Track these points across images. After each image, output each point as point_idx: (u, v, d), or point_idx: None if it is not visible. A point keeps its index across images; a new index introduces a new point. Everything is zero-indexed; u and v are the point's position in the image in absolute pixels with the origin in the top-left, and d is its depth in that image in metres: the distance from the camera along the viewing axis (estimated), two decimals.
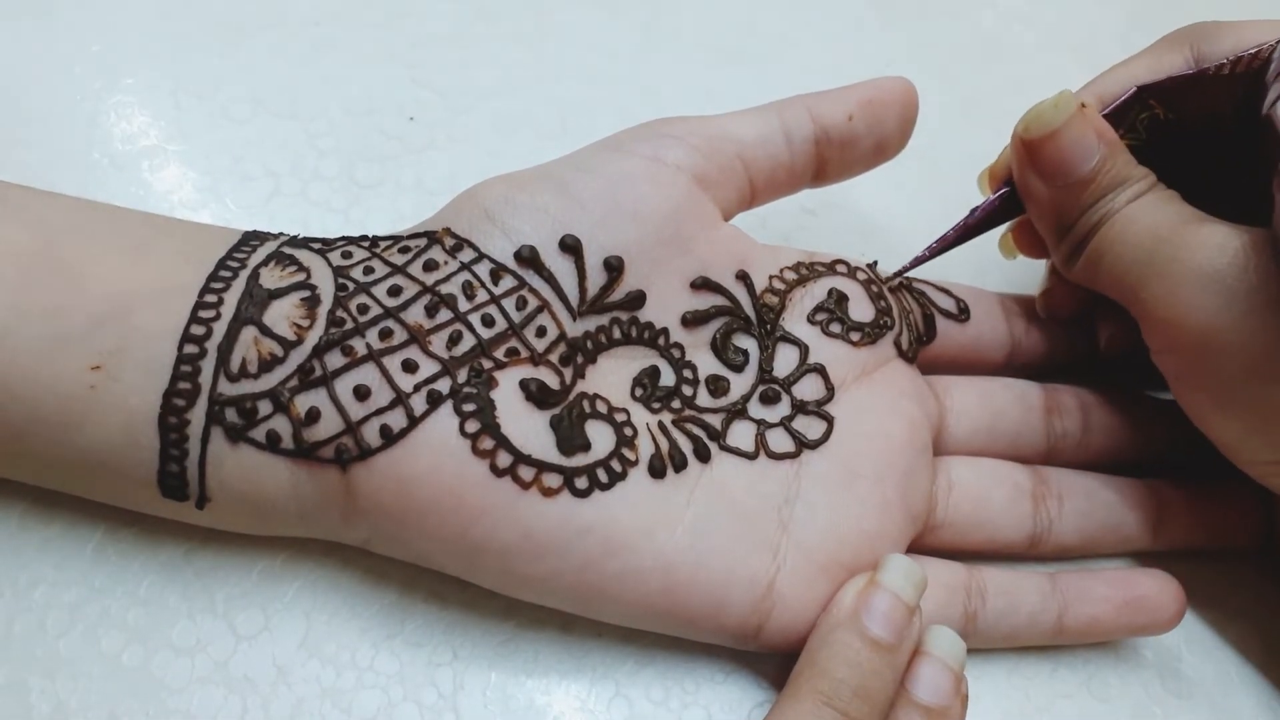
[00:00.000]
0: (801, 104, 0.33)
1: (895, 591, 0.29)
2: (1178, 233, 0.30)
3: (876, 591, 0.28)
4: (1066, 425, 0.35)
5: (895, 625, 0.28)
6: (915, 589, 0.29)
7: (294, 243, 0.30)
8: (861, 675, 0.27)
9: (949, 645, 0.29)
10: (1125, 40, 0.49)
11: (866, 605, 0.28)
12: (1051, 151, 0.32)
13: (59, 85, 0.40)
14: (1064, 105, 0.32)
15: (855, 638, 0.28)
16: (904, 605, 0.28)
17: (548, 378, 0.29)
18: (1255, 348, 0.28)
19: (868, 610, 0.28)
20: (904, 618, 0.28)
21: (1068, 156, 0.32)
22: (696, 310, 0.31)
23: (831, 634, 0.28)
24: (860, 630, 0.28)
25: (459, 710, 0.30)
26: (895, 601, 0.28)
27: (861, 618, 0.28)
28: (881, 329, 0.33)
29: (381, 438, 0.27)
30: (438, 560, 0.29)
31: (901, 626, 0.28)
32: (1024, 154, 0.33)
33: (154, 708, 0.29)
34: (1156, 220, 0.31)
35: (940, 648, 0.29)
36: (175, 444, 0.27)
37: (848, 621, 0.28)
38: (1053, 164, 0.32)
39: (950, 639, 0.29)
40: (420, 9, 0.45)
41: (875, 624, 0.28)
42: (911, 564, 0.29)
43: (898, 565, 0.29)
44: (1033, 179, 0.33)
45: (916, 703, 0.28)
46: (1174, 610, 0.32)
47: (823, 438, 0.31)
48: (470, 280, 0.29)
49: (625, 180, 0.30)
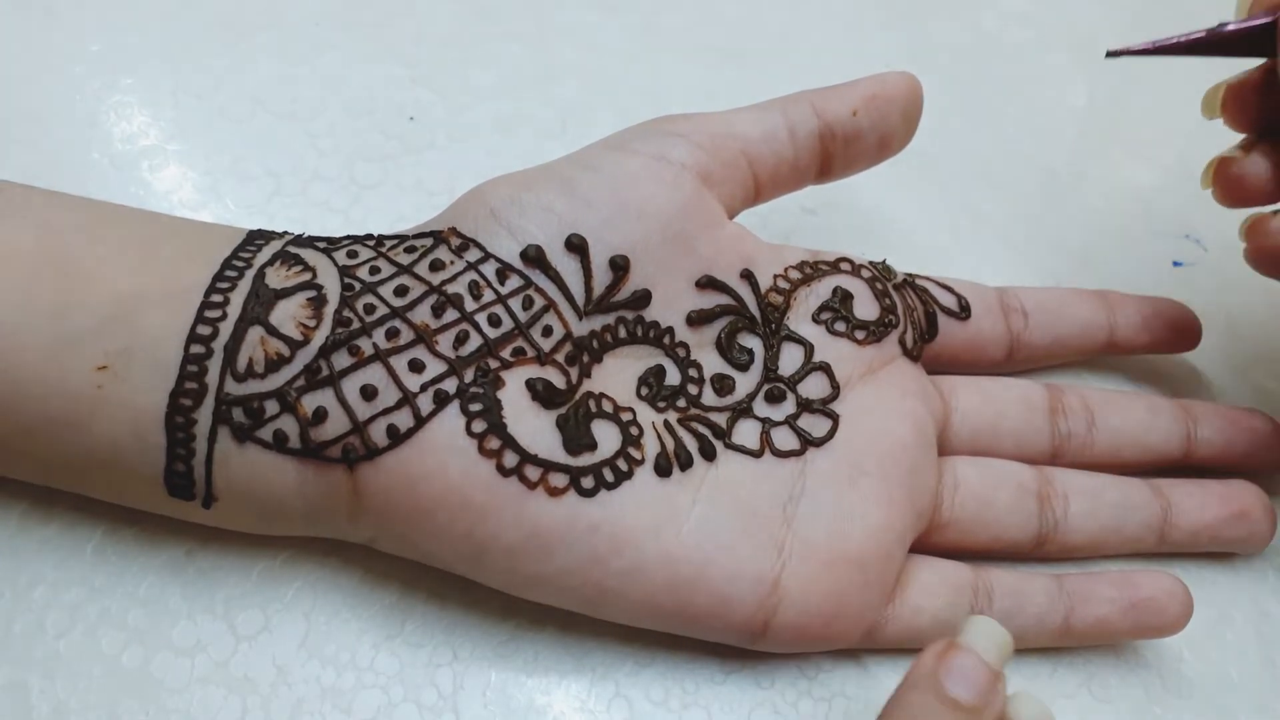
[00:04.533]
0: (806, 100, 0.33)
1: (977, 652, 0.27)
2: None
3: (957, 652, 0.26)
4: (1071, 426, 0.35)
5: (977, 687, 0.26)
6: (999, 651, 0.27)
7: (299, 242, 0.30)
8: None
9: (1039, 714, 0.27)
10: (1125, 40, 0.49)
11: (946, 666, 0.26)
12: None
13: (59, 85, 0.40)
14: None
15: (933, 698, 0.26)
16: (986, 667, 0.26)
17: (554, 377, 0.29)
18: None
19: (947, 671, 0.26)
20: (986, 680, 0.26)
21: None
22: (701, 309, 0.31)
23: (908, 695, 0.26)
24: (938, 691, 0.26)
25: (459, 710, 0.30)
26: (977, 662, 0.26)
27: (941, 678, 0.26)
28: (886, 327, 0.33)
29: (388, 437, 0.27)
30: (443, 559, 0.29)
31: (984, 688, 0.26)
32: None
33: (154, 708, 0.28)
34: None
35: (1029, 716, 0.27)
36: (182, 443, 0.27)
37: (925, 683, 0.26)
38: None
39: (1040, 709, 0.27)
40: (420, 9, 0.45)
41: (955, 684, 0.26)
42: (997, 626, 0.27)
43: (980, 626, 0.27)
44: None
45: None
46: (1181, 612, 0.32)
47: (828, 436, 0.31)
48: (476, 280, 0.29)
49: (630, 179, 0.30)
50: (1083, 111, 0.48)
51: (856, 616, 0.30)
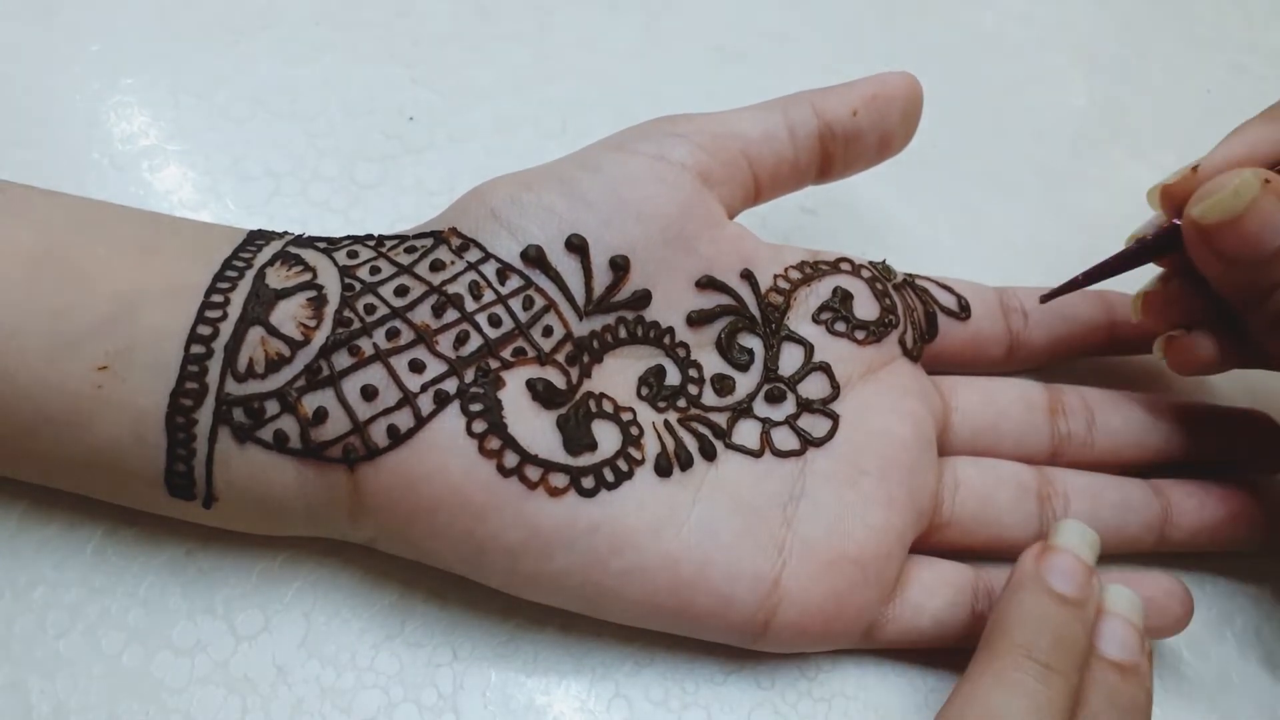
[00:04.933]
0: (806, 100, 0.33)
1: (1073, 550, 0.29)
2: None
3: (1055, 553, 0.29)
4: (1071, 426, 0.35)
5: (1078, 581, 0.29)
6: (1091, 548, 0.29)
7: (299, 242, 0.30)
8: (1054, 628, 0.27)
9: (1130, 604, 0.29)
10: (1125, 40, 0.49)
11: (1048, 565, 0.29)
12: (1233, 238, 0.29)
13: (59, 85, 0.40)
14: (1245, 190, 0.29)
15: (1042, 595, 0.28)
16: (1082, 563, 0.29)
17: (554, 377, 0.29)
18: None
19: (1050, 569, 0.29)
20: (1085, 574, 0.29)
21: (1252, 240, 0.29)
22: (702, 309, 0.32)
23: (1017, 595, 0.28)
24: (1046, 588, 0.28)
25: (459, 710, 0.30)
26: (1074, 560, 0.29)
27: (1046, 577, 0.28)
28: (886, 327, 0.33)
29: (389, 437, 0.27)
30: (444, 559, 0.29)
31: (1084, 582, 0.29)
32: (1198, 237, 0.30)
33: (154, 708, 0.29)
34: None
35: (1122, 606, 0.29)
36: (182, 444, 0.27)
37: (1031, 583, 0.28)
38: (1235, 249, 0.29)
39: (1131, 598, 0.29)
40: (420, 9, 0.45)
41: (1059, 581, 0.28)
42: (1084, 526, 0.30)
43: (1071, 527, 0.30)
44: (1211, 259, 0.30)
45: (1109, 660, 0.28)
46: (1182, 613, 0.32)
47: (828, 435, 0.31)
48: (477, 280, 0.29)
49: (631, 179, 0.31)
50: (1083, 111, 0.48)
51: (857, 616, 0.30)
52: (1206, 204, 0.29)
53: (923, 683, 0.32)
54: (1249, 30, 0.52)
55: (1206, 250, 0.30)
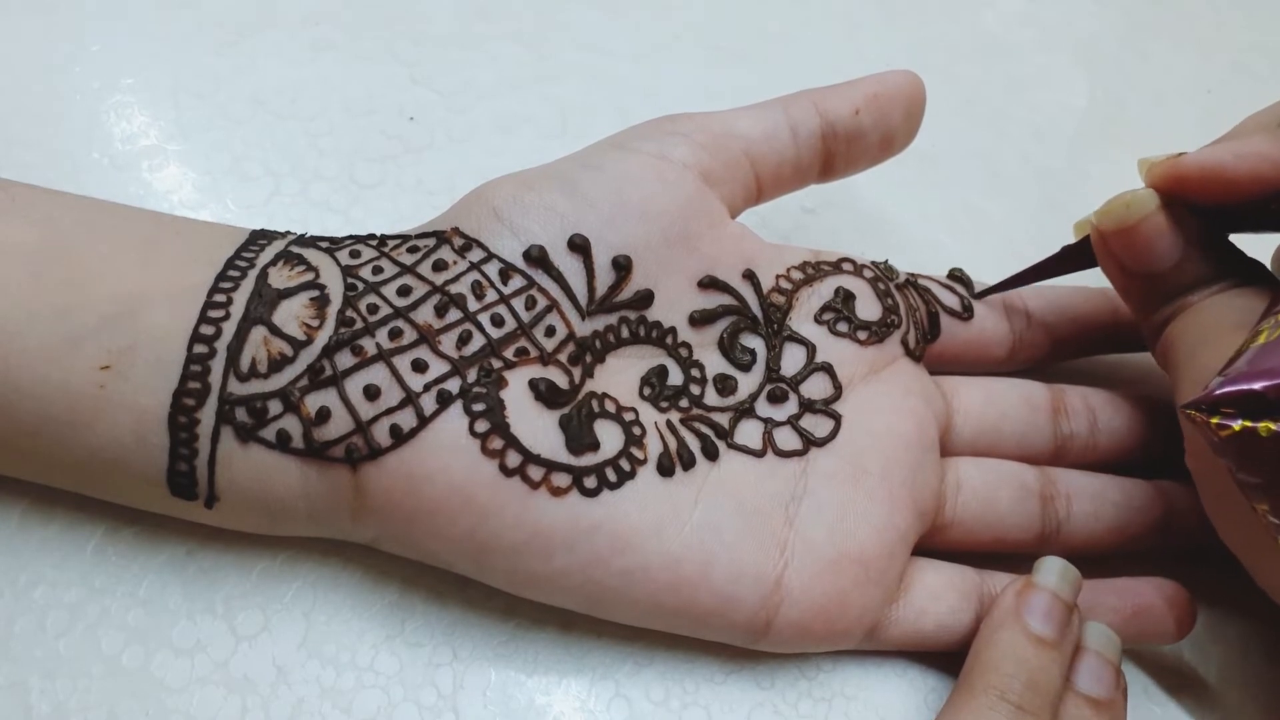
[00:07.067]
0: (808, 99, 0.33)
1: (1053, 590, 0.30)
2: (1218, 335, 0.29)
3: (1035, 591, 0.30)
4: (1074, 426, 0.35)
5: (1057, 622, 0.29)
6: (1071, 587, 0.30)
7: (301, 242, 0.30)
8: (1030, 670, 0.28)
9: (1108, 641, 0.30)
10: (1125, 40, 0.49)
11: (1027, 604, 0.29)
12: (1125, 246, 0.32)
13: (59, 85, 0.40)
14: (1138, 205, 0.31)
15: (1020, 635, 0.29)
16: (1062, 602, 0.29)
17: (557, 377, 0.29)
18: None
19: (1029, 608, 0.29)
20: (1064, 614, 0.29)
21: (1142, 253, 0.31)
22: (704, 309, 0.31)
23: (996, 634, 0.29)
24: (1023, 628, 0.29)
25: (459, 710, 0.29)
26: (1054, 599, 0.29)
27: (1024, 616, 0.29)
28: (888, 327, 0.33)
29: (391, 437, 0.27)
30: (446, 559, 0.29)
31: (1063, 623, 0.29)
32: (1098, 240, 0.32)
33: (154, 708, 0.28)
34: (1210, 320, 0.30)
35: (1100, 643, 0.30)
36: (185, 443, 0.27)
37: (1012, 622, 0.29)
38: (1126, 257, 0.32)
39: (1108, 635, 0.30)
40: (420, 9, 0.45)
41: (1038, 623, 0.29)
42: (1066, 564, 0.30)
43: (1052, 565, 0.30)
44: (1108, 264, 0.33)
45: (1084, 695, 0.29)
46: (1184, 620, 0.32)
47: (830, 436, 0.31)
48: (479, 280, 0.29)
49: (633, 179, 0.31)
50: (1083, 111, 0.48)
51: (859, 615, 0.30)
52: (1104, 209, 0.32)
53: (923, 683, 0.32)
54: (1249, 30, 0.52)
55: (1104, 253, 0.32)
